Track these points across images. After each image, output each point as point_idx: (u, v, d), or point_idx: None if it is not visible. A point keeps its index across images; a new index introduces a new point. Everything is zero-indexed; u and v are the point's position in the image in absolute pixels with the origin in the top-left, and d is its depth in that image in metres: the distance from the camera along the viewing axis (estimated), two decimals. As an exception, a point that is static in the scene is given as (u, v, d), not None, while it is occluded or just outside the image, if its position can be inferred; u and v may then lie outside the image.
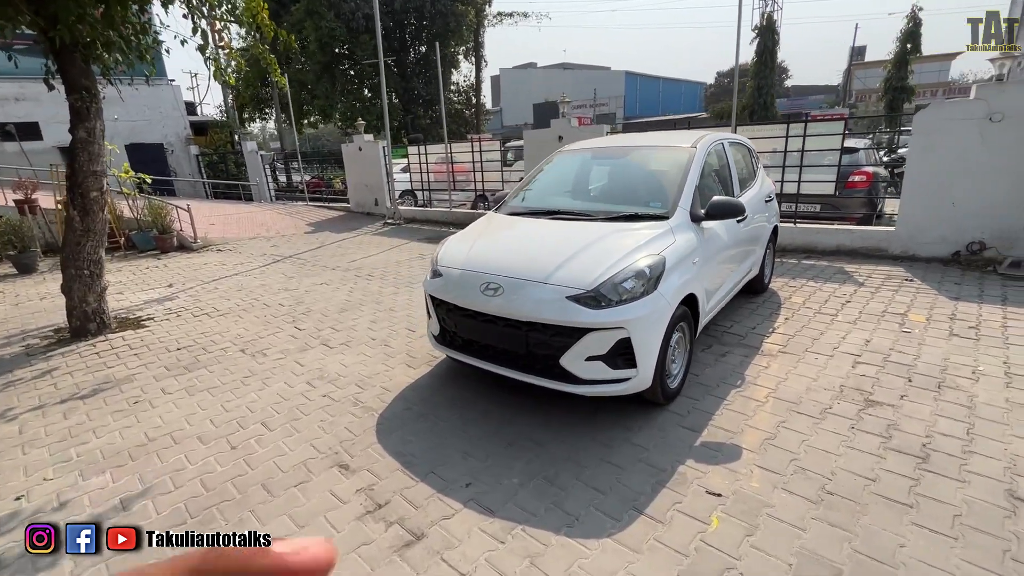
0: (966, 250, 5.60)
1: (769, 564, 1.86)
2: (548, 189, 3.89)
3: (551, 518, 2.14)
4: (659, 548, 1.96)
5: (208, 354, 4.10)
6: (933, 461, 2.36)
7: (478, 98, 24.19)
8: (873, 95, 36.52)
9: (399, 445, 2.72)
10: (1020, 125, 5.07)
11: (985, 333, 3.73)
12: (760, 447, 2.54)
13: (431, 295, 3.16)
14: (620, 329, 2.49)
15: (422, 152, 10.13)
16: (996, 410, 2.75)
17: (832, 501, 2.15)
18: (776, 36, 18.26)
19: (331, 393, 3.33)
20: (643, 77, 62.74)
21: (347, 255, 7.67)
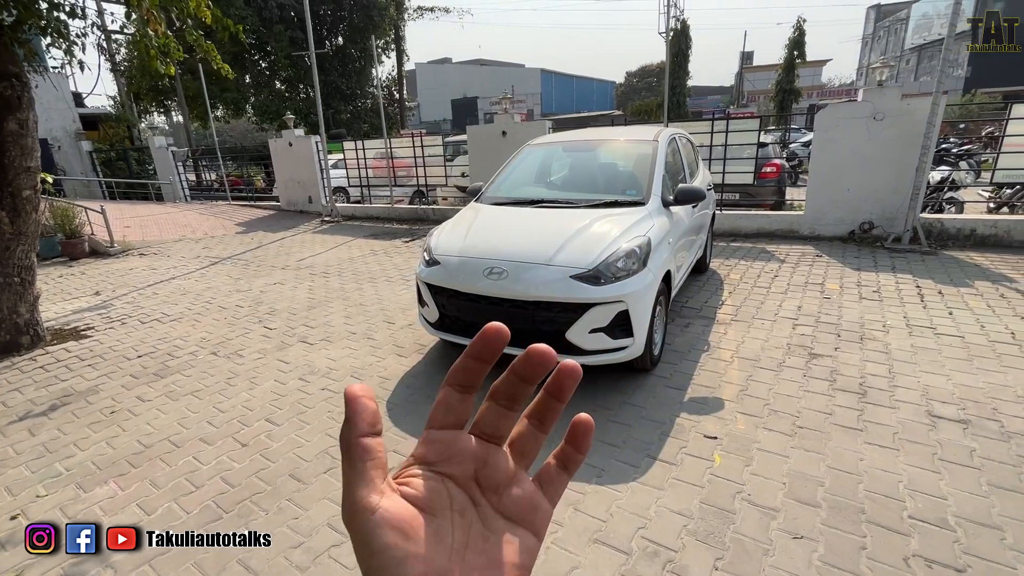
0: (859, 229, 6.59)
1: (768, 485, 2.24)
2: (526, 180, 4.12)
3: (581, 472, 2.39)
4: (678, 484, 2.28)
5: (176, 359, 3.89)
6: (870, 396, 2.91)
7: (401, 93, 23.73)
8: (761, 96, 40.53)
9: (417, 428, 2.83)
10: (897, 123, 6.07)
11: (885, 296, 4.49)
12: (737, 397, 2.97)
13: (427, 283, 3.27)
14: (620, 302, 2.79)
15: (359, 147, 9.91)
16: (906, 353, 3.40)
17: (803, 433, 2.60)
18: (689, 40, 19.85)
19: (329, 386, 3.34)
20: (558, 75, 64.64)
21: (292, 254, 7.40)
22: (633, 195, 3.50)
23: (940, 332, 3.69)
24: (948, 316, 3.96)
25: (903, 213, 6.14)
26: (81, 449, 2.77)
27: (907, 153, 6.05)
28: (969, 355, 3.33)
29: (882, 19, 58.72)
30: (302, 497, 2.32)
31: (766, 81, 43.75)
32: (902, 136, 6.06)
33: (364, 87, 22.38)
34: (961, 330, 3.70)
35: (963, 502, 2.08)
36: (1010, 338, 3.54)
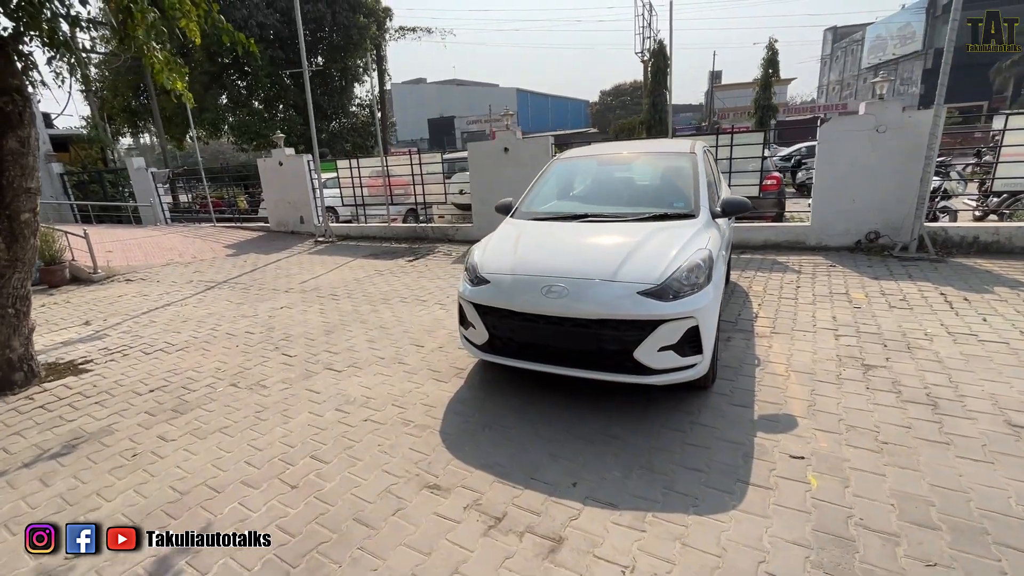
0: (865, 239, 6.70)
1: (877, 508, 2.12)
2: (563, 194, 4.01)
3: (673, 502, 2.23)
4: (782, 510, 2.14)
5: (193, 393, 3.59)
6: (942, 407, 2.84)
7: (383, 111, 23.61)
8: (732, 113, 41.93)
9: (481, 457, 2.63)
10: (898, 134, 6.22)
11: (914, 304, 4.51)
12: (808, 413, 2.86)
13: (476, 303, 3.10)
14: (690, 318, 2.67)
15: (353, 166, 9.69)
16: (958, 361, 3.37)
17: (890, 449, 2.50)
18: (668, 59, 20.32)
19: (371, 417, 3.11)
20: (533, 94, 65.77)
21: (293, 276, 7.10)
22: (681, 207, 3.42)
23: (983, 339, 3.68)
24: (984, 323, 3.98)
25: (909, 222, 6.25)
26: (107, 500, 2.48)
27: (910, 164, 6.19)
28: (1021, 361, 3.32)
29: (839, 40, 61.80)
30: (375, 544, 2.09)
31: (735, 99, 45.44)
32: (904, 147, 6.20)
33: (345, 106, 22.21)
34: (1003, 336, 3.70)
35: (1083, 517, 2.00)
36: (1052, 343, 3.55)
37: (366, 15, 19.71)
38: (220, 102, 20.28)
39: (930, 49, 41.83)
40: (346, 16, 19.03)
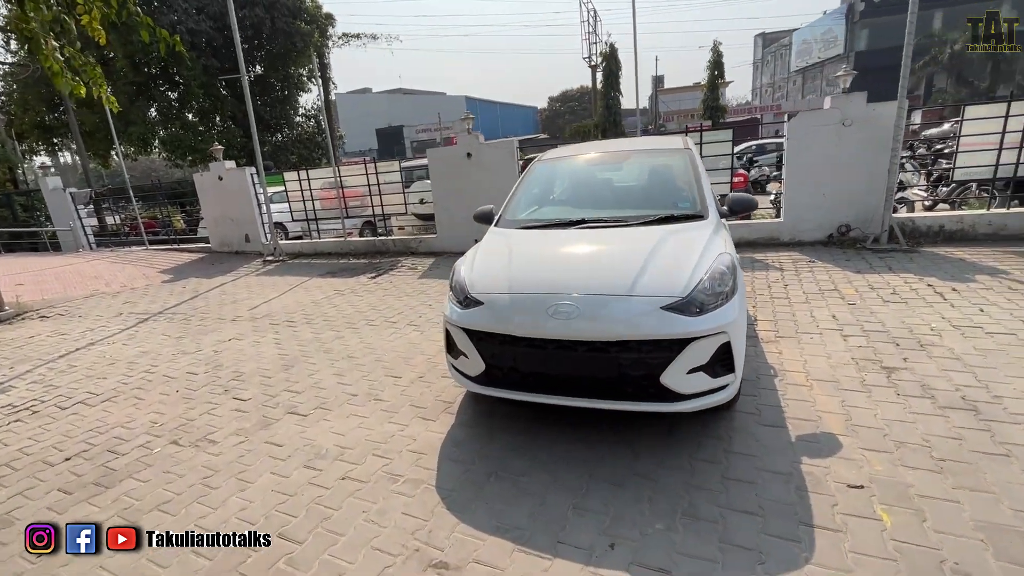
0: (837, 232, 6.70)
1: (966, 545, 1.82)
2: (552, 199, 3.62)
3: (736, 560, 1.86)
4: (865, 560, 1.80)
5: (123, 457, 2.93)
6: (983, 411, 2.63)
7: (330, 121, 22.56)
8: (676, 116, 43.21)
9: (492, 518, 2.18)
10: (864, 128, 6.24)
11: (906, 297, 4.41)
12: (847, 430, 2.58)
13: (468, 328, 2.65)
14: (722, 334, 2.33)
15: (303, 178, 8.97)
16: (976, 357, 3.21)
17: (950, 467, 2.23)
18: (618, 62, 20.60)
19: (350, 474, 2.59)
20: (482, 102, 65.63)
21: (241, 302, 6.37)
22: (687, 208, 3.10)
23: (990, 331, 3.56)
24: (982, 314, 3.89)
25: (878, 214, 6.28)
26: (-1, 627, 1.86)
27: (876, 156, 6.22)
28: (1035, 353, 3.19)
29: (768, 45, 65.28)
30: (375, 662, 1.60)
31: (678, 102, 46.91)
32: (870, 140, 6.23)
33: (289, 117, 21.14)
34: (1007, 327, 3.60)
35: None
36: (1056, 331, 3.47)
37: (307, 21, 18.80)
38: (149, 115, 18.76)
39: (851, 52, 44.62)
40: (286, 22, 18.06)
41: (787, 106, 45.99)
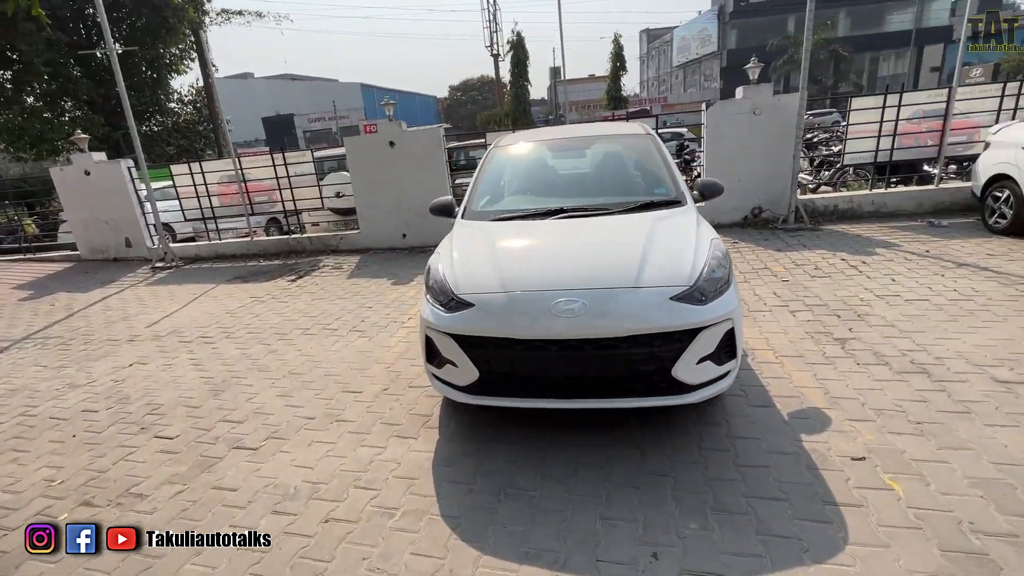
0: (751, 214, 7.21)
1: (972, 504, 1.95)
2: (521, 187, 3.39)
3: (780, 551, 1.82)
4: (895, 533, 1.85)
5: (12, 534, 2.27)
6: (933, 373, 2.89)
7: (212, 109, 20.10)
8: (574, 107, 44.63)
9: (516, 544, 1.96)
10: (772, 117, 6.74)
11: (829, 272, 4.82)
12: (829, 402, 2.70)
13: (458, 334, 2.38)
14: (728, 320, 2.30)
15: (196, 171, 7.83)
16: (906, 322, 3.56)
17: (928, 428, 2.41)
18: (526, 51, 20.60)
19: (332, 514, 2.21)
20: (379, 90, 62.86)
21: (134, 318, 5.40)
22: (664, 194, 3.05)
23: (907, 299, 3.98)
24: (894, 283, 4.34)
25: (785, 197, 6.85)
26: None
27: (782, 143, 6.76)
28: (948, 315, 3.61)
29: (652, 41, 69.62)
30: None
31: (576, 93, 48.47)
32: (777, 128, 6.75)
33: (161, 103, 18.55)
34: (919, 294, 4.04)
35: None
36: (956, 294, 3.96)
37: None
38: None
39: (723, 50, 48.91)
40: (150, -8, 15.67)
41: (672, 99, 49.39)
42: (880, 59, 40.09)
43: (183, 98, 20.62)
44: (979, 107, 6.62)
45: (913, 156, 7.13)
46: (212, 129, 20.40)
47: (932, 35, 35.93)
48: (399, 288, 5.59)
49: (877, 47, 38.79)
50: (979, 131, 6.58)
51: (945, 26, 36.65)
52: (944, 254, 4.97)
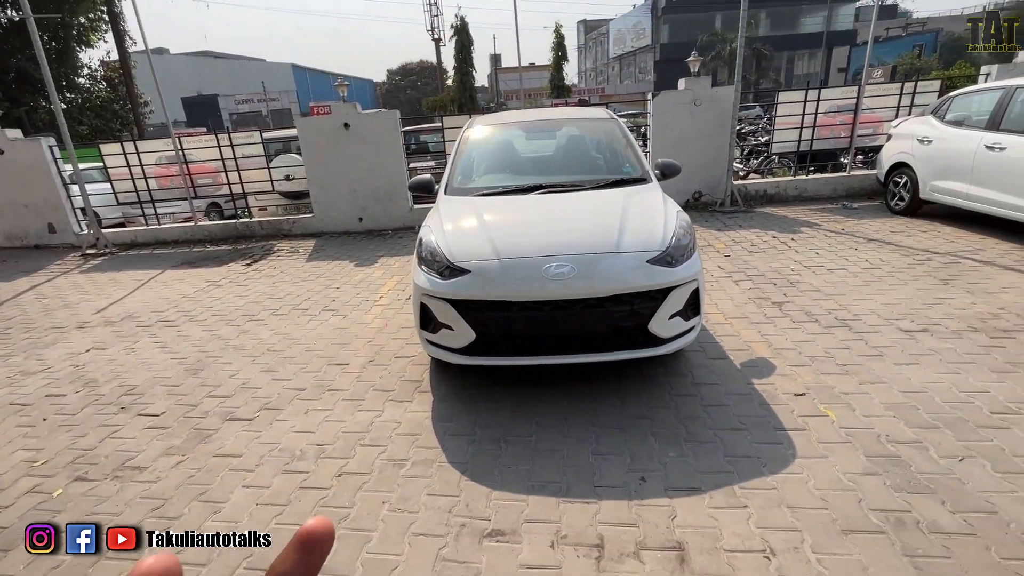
0: (692, 198, 7.78)
1: (887, 422, 2.41)
2: (499, 166, 3.58)
3: (745, 468, 2.19)
4: (832, 447, 2.27)
5: (8, 511, 2.23)
6: (852, 326, 3.41)
7: (129, 85, 18.45)
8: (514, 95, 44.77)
9: (522, 479, 2.20)
10: (710, 107, 7.30)
11: (763, 248, 5.38)
12: (773, 353, 3.14)
13: (455, 299, 2.57)
14: (693, 281, 2.64)
15: (130, 152, 7.32)
16: (830, 287, 4.11)
17: (851, 369, 2.89)
18: (470, 37, 20.43)
19: (345, 469, 2.35)
20: (312, 71, 59.97)
21: (77, 305, 5.08)
22: (631, 172, 3.36)
23: (829, 268, 4.57)
24: (819, 256, 4.95)
25: (722, 182, 7.47)
26: None
27: (719, 132, 7.35)
28: (862, 281, 4.21)
29: (590, 32, 70.88)
30: (480, 636, 1.55)
31: (515, 81, 48.64)
32: (715, 118, 7.32)
33: (70, 78, 16.87)
34: (839, 264, 4.65)
35: (994, 386, 2.58)
36: (867, 263, 4.60)
37: (83, -45, 14.98)
38: None
39: (657, 44, 50.73)
40: (51, -48, 14.12)
41: (609, 90, 50.63)
42: (796, 58, 43.23)
43: (94, 74, 18.84)
44: (883, 103, 7.51)
45: (829, 146, 7.98)
46: (129, 109, 18.81)
47: (840, 38, 39.14)
48: (364, 269, 5.62)
49: (793, 47, 41.73)
50: (883, 125, 7.47)
51: (850, 30, 40.20)
52: (856, 232, 5.69)
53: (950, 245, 4.96)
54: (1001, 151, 4.86)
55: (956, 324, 3.32)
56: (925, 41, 35.55)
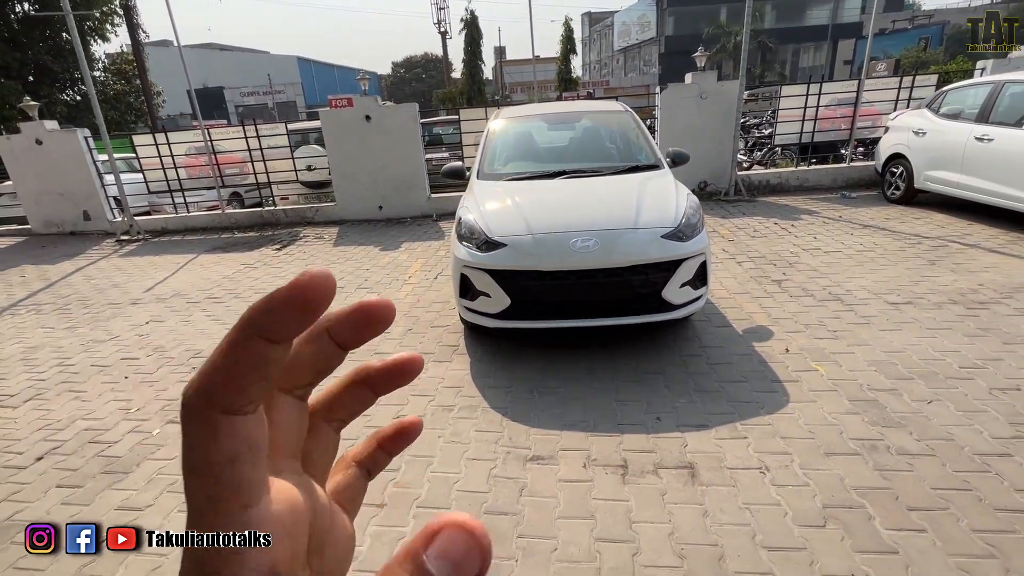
0: (698, 188, 8.12)
1: (870, 375, 2.78)
2: (525, 154, 3.94)
3: (745, 410, 2.56)
4: (820, 393, 2.65)
5: (116, 445, 2.62)
6: (844, 300, 3.78)
7: (143, 78, 18.80)
8: (520, 88, 44.92)
9: (555, 420, 2.59)
10: (716, 101, 7.62)
11: (765, 233, 5.74)
12: (771, 321, 3.51)
13: (492, 269, 2.94)
14: (701, 255, 3.01)
15: (161, 143, 7.69)
16: (826, 267, 4.47)
17: (840, 334, 3.26)
18: (480, 31, 20.69)
19: (401, 412, 2.74)
20: (317, 64, 60.06)
21: (124, 285, 5.47)
22: (644, 159, 3.72)
23: (826, 251, 4.93)
24: (816, 240, 5.30)
25: (727, 172, 7.80)
26: None
27: (724, 125, 7.67)
28: (856, 262, 4.57)
29: (595, 24, 70.64)
30: (533, 528, 1.94)
31: (521, 74, 48.72)
32: (720, 111, 7.64)
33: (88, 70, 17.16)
34: (835, 247, 5.01)
35: (965, 347, 2.95)
36: (861, 247, 4.95)
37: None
38: None
39: (662, 36, 50.65)
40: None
41: (614, 82, 50.60)
42: (801, 51, 43.22)
43: (107, 67, 19.18)
44: (882, 97, 7.82)
45: (830, 139, 8.30)
46: (143, 101, 19.16)
47: (846, 31, 39.10)
48: (390, 253, 6.00)
49: (798, 40, 41.72)
50: (881, 118, 7.78)
51: (856, 23, 40.12)
52: (853, 219, 6.03)
53: (940, 231, 5.30)
54: (989, 142, 5.19)
55: (938, 298, 3.69)
56: (931, 34, 35.52)
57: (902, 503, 1.91)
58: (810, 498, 1.97)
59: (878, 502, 1.93)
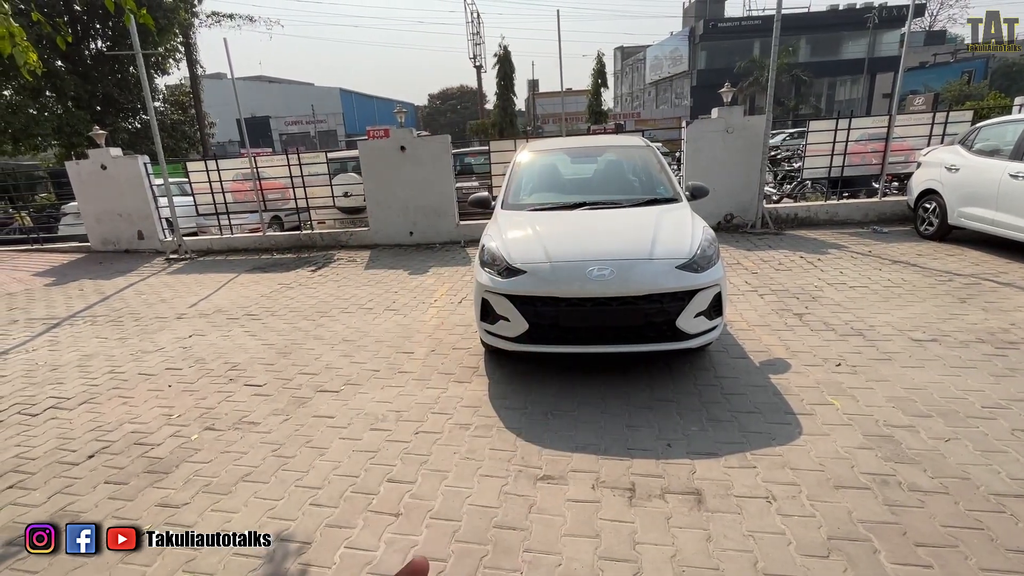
0: (724, 220, 8.15)
1: (886, 410, 2.76)
2: (549, 186, 4.13)
3: (756, 440, 2.59)
4: (833, 427, 2.65)
5: (159, 447, 2.83)
6: (866, 335, 3.75)
7: (199, 108, 20.23)
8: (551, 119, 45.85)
9: (567, 441, 2.66)
10: (742, 135, 7.71)
11: (789, 266, 5.72)
12: (789, 354, 3.51)
13: (512, 295, 3.08)
14: (716, 286, 3.08)
15: (210, 168, 8.27)
16: (850, 302, 4.43)
17: (860, 370, 3.24)
18: (512, 65, 21.54)
19: (421, 429, 2.87)
20: (358, 95, 62.91)
21: (171, 300, 5.85)
22: (664, 193, 3.84)
23: (852, 286, 4.88)
24: (842, 275, 5.26)
25: (753, 205, 7.82)
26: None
27: (750, 158, 7.73)
28: (882, 298, 4.51)
29: (627, 59, 71.90)
30: (539, 543, 2.02)
31: (553, 106, 49.85)
32: (746, 145, 7.72)
33: (145, 101, 18.57)
34: (861, 283, 4.96)
35: (990, 387, 2.90)
36: (889, 282, 4.89)
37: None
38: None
39: (694, 70, 51.07)
40: (142, -8, 15.87)
41: (645, 114, 51.11)
42: (837, 84, 42.87)
43: (167, 98, 20.67)
44: (914, 132, 7.76)
45: (860, 173, 8.23)
46: (197, 130, 20.53)
47: (884, 64, 38.62)
48: (418, 277, 6.23)
49: (834, 73, 41.45)
50: (914, 153, 7.70)
51: (895, 56, 39.59)
52: (883, 254, 5.95)
53: (974, 268, 5.19)
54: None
55: (965, 336, 3.62)
56: (975, 67, 34.77)
57: (910, 538, 1.91)
58: (815, 529, 1.99)
59: (885, 536, 1.93)
